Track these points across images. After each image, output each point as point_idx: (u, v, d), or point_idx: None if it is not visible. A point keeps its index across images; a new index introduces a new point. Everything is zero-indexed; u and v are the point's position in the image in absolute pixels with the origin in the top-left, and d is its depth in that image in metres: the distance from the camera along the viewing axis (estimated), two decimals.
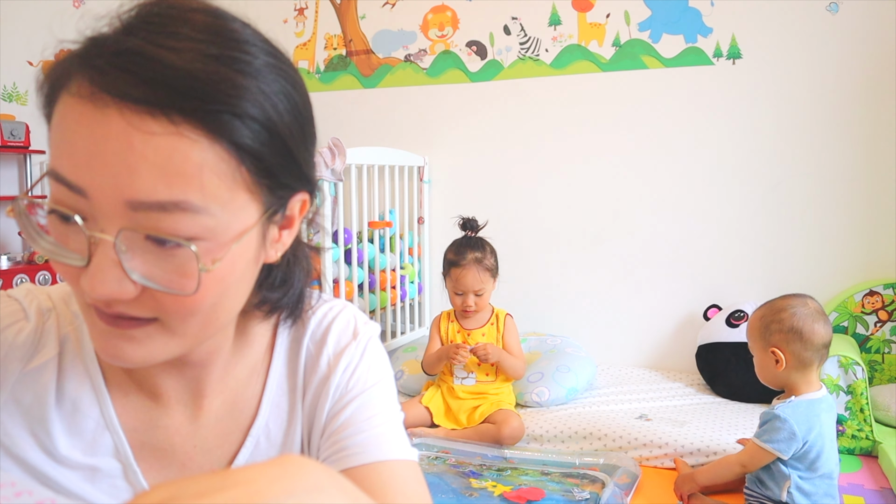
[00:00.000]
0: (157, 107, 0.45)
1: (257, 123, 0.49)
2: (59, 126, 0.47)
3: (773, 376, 1.70)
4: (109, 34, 0.48)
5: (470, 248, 2.37)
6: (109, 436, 0.61)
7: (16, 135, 2.82)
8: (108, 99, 0.45)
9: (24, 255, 2.86)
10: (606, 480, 1.93)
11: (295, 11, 3.42)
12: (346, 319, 0.72)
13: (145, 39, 0.46)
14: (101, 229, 0.47)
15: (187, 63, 0.45)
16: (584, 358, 2.66)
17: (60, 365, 0.60)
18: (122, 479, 0.61)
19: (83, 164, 0.46)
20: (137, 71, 0.45)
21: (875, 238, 2.61)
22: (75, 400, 0.60)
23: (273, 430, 0.66)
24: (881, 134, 2.58)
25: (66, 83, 0.48)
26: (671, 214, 2.87)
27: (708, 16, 2.76)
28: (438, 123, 3.21)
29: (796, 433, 1.60)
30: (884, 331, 2.52)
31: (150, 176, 0.46)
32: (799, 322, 1.65)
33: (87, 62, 0.47)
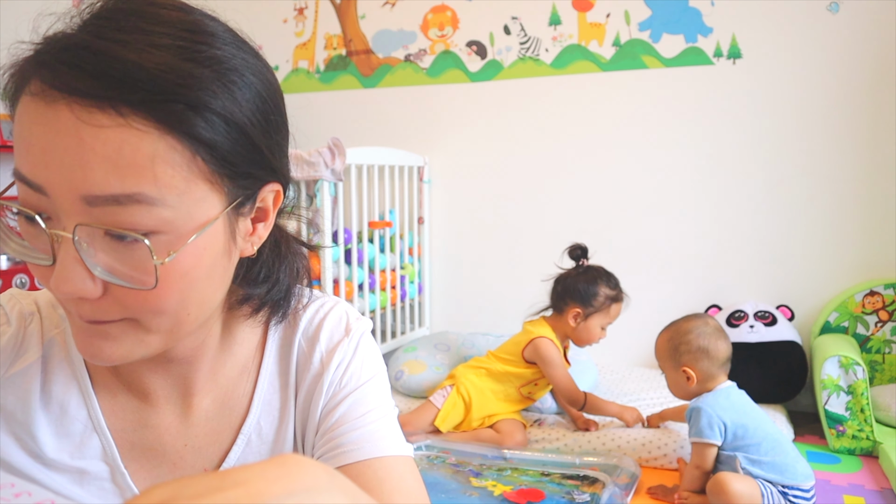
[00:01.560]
0: (104, 100, 0.45)
1: (212, 113, 0.48)
2: (17, 125, 0.47)
3: (685, 391, 1.88)
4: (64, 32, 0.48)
5: (615, 278, 2.35)
6: (97, 438, 0.60)
7: None
8: (57, 95, 0.45)
9: None
10: (606, 480, 1.93)
11: (295, 11, 3.42)
12: (337, 316, 0.71)
13: (95, 34, 0.46)
14: (63, 227, 0.47)
15: (134, 54, 0.45)
16: (583, 362, 2.66)
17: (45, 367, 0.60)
18: (110, 482, 0.61)
19: (39, 162, 0.46)
20: (84, 65, 0.45)
21: (875, 238, 2.61)
22: (62, 402, 0.60)
23: (265, 427, 0.66)
24: (881, 134, 2.58)
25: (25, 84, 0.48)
26: (671, 214, 2.87)
27: (708, 15, 2.76)
28: (438, 123, 3.21)
29: (712, 415, 1.74)
30: (884, 331, 2.52)
31: (101, 169, 0.45)
32: (704, 341, 1.83)
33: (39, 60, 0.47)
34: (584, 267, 2.34)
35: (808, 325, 2.67)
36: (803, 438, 2.34)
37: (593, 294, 2.29)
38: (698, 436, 1.76)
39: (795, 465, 1.73)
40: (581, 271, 2.33)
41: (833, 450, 2.23)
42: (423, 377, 2.58)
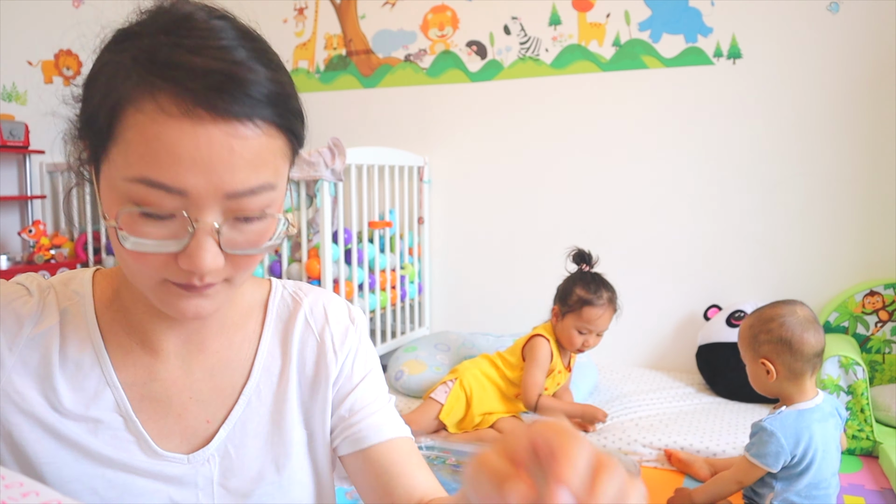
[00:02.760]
0: (245, 116, 0.55)
1: (299, 115, 0.62)
2: (150, 141, 0.54)
3: (765, 386, 1.65)
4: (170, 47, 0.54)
5: (604, 286, 2.26)
6: (110, 391, 0.68)
7: (15, 135, 2.81)
8: (203, 114, 0.54)
9: (24, 256, 2.86)
10: None
11: (295, 11, 3.42)
12: (340, 303, 0.80)
13: (214, 58, 0.54)
14: (198, 218, 0.57)
15: (262, 80, 0.56)
16: (584, 363, 2.66)
17: (62, 332, 0.68)
18: (125, 431, 0.68)
19: (185, 170, 0.54)
20: (226, 90, 0.54)
21: (875, 238, 2.61)
22: (78, 361, 0.68)
23: (263, 391, 0.73)
24: (881, 134, 2.58)
25: (142, 96, 0.54)
26: (671, 214, 2.87)
27: (708, 15, 2.76)
28: (438, 123, 3.21)
29: (784, 446, 1.55)
30: (884, 331, 2.52)
31: (245, 170, 0.56)
32: (787, 332, 1.58)
33: (169, 79, 0.54)
34: (581, 271, 2.32)
35: None
36: None
37: (569, 292, 2.27)
38: (758, 458, 1.58)
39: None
40: (578, 273, 2.32)
41: None
42: (423, 377, 2.58)
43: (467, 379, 2.32)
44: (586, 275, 2.30)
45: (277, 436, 0.73)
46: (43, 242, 2.82)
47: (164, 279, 0.60)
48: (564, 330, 2.27)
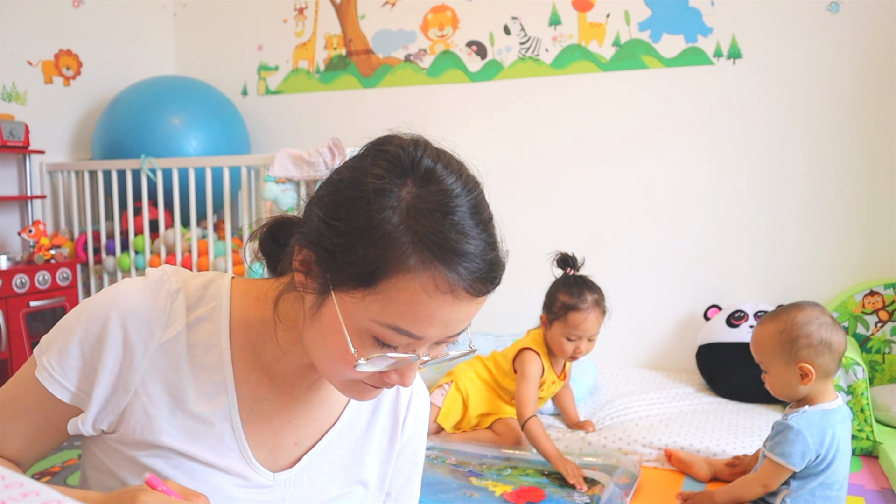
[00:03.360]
0: (487, 292, 0.68)
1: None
2: (414, 304, 0.64)
3: (794, 391, 1.61)
4: (446, 240, 0.65)
5: (588, 289, 2.16)
6: (226, 399, 0.75)
7: (15, 135, 2.82)
8: (465, 296, 0.66)
9: (24, 256, 2.86)
10: (606, 481, 1.93)
11: (295, 11, 3.42)
12: (424, 390, 0.92)
13: (481, 248, 0.67)
14: (417, 351, 0.69)
15: (499, 260, 0.69)
16: (584, 362, 2.66)
17: (191, 338, 0.74)
18: (232, 439, 0.75)
19: (433, 326, 0.66)
20: (488, 279, 0.67)
21: (875, 238, 2.61)
22: (206, 366, 0.74)
23: (344, 437, 0.83)
24: (881, 134, 2.58)
25: (413, 271, 0.64)
26: (671, 214, 2.87)
27: (708, 16, 2.76)
28: (438, 123, 3.21)
29: (810, 446, 1.55)
30: (884, 331, 2.52)
31: (465, 324, 0.69)
32: (827, 333, 1.57)
33: (446, 265, 0.64)
34: (565, 275, 2.23)
35: None
36: None
37: (553, 300, 2.20)
38: (784, 458, 1.56)
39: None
40: (562, 278, 2.24)
41: None
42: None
43: (463, 381, 2.32)
44: (570, 279, 2.21)
45: (351, 479, 0.83)
46: (43, 242, 2.82)
47: (362, 381, 0.71)
48: (554, 338, 2.20)
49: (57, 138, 3.17)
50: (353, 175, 0.68)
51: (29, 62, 3.03)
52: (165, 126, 2.99)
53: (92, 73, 3.28)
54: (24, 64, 3.01)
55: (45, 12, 3.07)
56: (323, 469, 0.81)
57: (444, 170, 0.71)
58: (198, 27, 3.63)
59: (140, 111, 3.04)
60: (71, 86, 3.21)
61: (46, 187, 3.12)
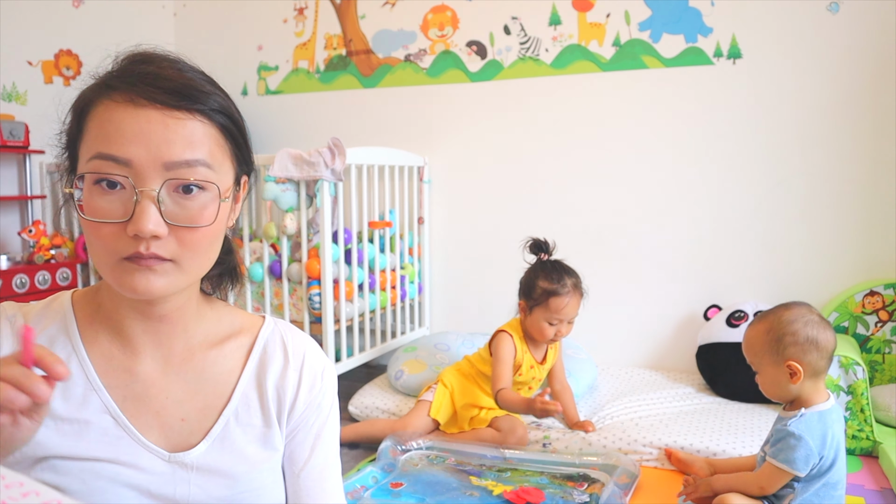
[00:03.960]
0: (175, 105, 0.70)
1: (225, 115, 0.76)
2: (103, 124, 0.70)
3: (784, 391, 1.63)
4: (128, 66, 0.72)
5: (566, 273, 2.21)
6: (96, 395, 0.77)
7: (15, 135, 2.82)
8: (144, 102, 0.69)
9: (24, 256, 2.86)
10: (606, 480, 1.93)
11: (295, 11, 3.42)
12: (318, 353, 0.90)
13: (157, 67, 0.72)
14: (144, 186, 0.69)
15: (185, 80, 0.72)
16: (584, 360, 2.66)
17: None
18: (115, 428, 0.76)
19: (130, 143, 0.68)
20: (161, 85, 0.70)
21: (875, 238, 2.61)
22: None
23: (241, 414, 0.83)
24: (881, 134, 2.58)
25: (100, 97, 0.71)
26: (671, 214, 2.87)
27: (708, 16, 2.76)
28: (438, 123, 3.21)
29: (812, 450, 1.55)
30: (884, 331, 2.52)
31: (179, 144, 0.70)
32: (813, 331, 1.59)
33: (121, 82, 0.70)
34: (540, 261, 2.28)
35: None
36: None
37: (532, 286, 2.24)
38: (788, 465, 1.57)
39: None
40: (537, 263, 2.28)
41: None
42: (423, 377, 2.58)
43: (448, 378, 2.38)
44: (546, 264, 2.25)
45: (250, 453, 0.82)
46: (43, 242, 2.82)
47: (120, 258, 0.70)
48: (534, 323, 2.24)
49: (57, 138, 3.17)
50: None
51: (29, 62, 3.03)
52: None
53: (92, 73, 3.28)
54: (24, 64, 3.01)
55: (45, 12, 3.07)
56: (226, 450, 0.80)
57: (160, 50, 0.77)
58: (198, 27, 3.63)
59: None
60: (71, 86, 3.20)
61: (46, 187, 3.12)
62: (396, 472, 2.03)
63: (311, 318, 2.66)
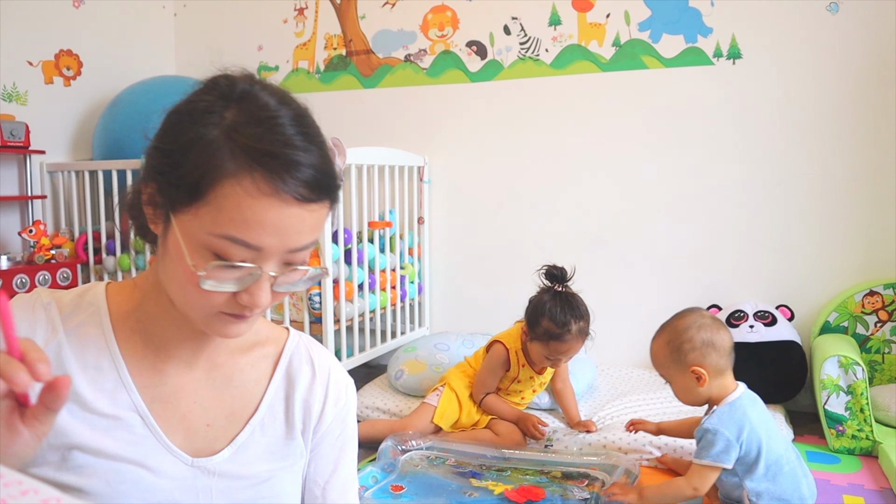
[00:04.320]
0: (315, 199, 0.70)
1: (340, 184, 0.77)
2: (243, 209, 0.67)
3: (695, 395, 1.71)
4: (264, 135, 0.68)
5: (573, 316, 2.09)
6: (126, 393, 0.77)
7: (16, 135, 2.82)
8: (288, 198, 0.68)
9: (24, 256, 2.86)
10: (606, 480, 1.93)
11: (295, 11, 3.42)
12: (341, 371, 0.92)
13: (294, 146, 0.69)
14: (262, 267, 0.70)
15: (323, 165, 0.71)
16: (584, 360, 2.66)
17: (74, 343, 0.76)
18: (142, 427, 0.77)
19: (267, 234, 0.68)
20: (305, 177, 0.68)
21: (875, 238, 2.61)
22: (97, 366, 0.76)
23: (267, 425, 0.84)
24: (881, 134, 2.58)
25: (239, 174, 0.67)
26: (671, 214, 2.87)
27: (708, 16, 2.76)
28: (438, 123, 3.21)
29: (730, 439, 1.61)
30: (884, 331, 2.52)
31: (306, 233, 0.71)
32: (707, 334, 1.68)
33: (262, 166, 0.67)
34: (553, 291, 2.15)
35: (808, 325, 2.68)
36: (803, 438, 2.34)
37: (536, 321, 2.14)
38: (711, 459, 1.61)
39: (800, 488, 1.65)
40: (548, 295, 2.15)
41: (833, 450, 2.23)
42: (423, 377, 2.58)
43: (454, 382, 2.36)
44: (557, 299, 2.12)
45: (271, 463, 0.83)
46: (43, 242, 2.82)
47: (219, 312, 0.73)
48: (533, 352, 2.19)
49: (57, 138, 3.17)
50: (181, 104, 0.73)
51: (29, 62, 3.03)
52: None
53: (92, 73, 3.29)
54: (24, 64, 3.01)
55: (45, 12, 3.07)
56: (250, 459, 0.81)
57: (263, 91, 0.73)
58: (198, 27, 3.63)
59: (140, 111, 3.04)
60: (71, 86, 3.21)
61: (47, 187, 3.12)
62: (396, 473, 2.03)
63: (311, 318, 2.66)
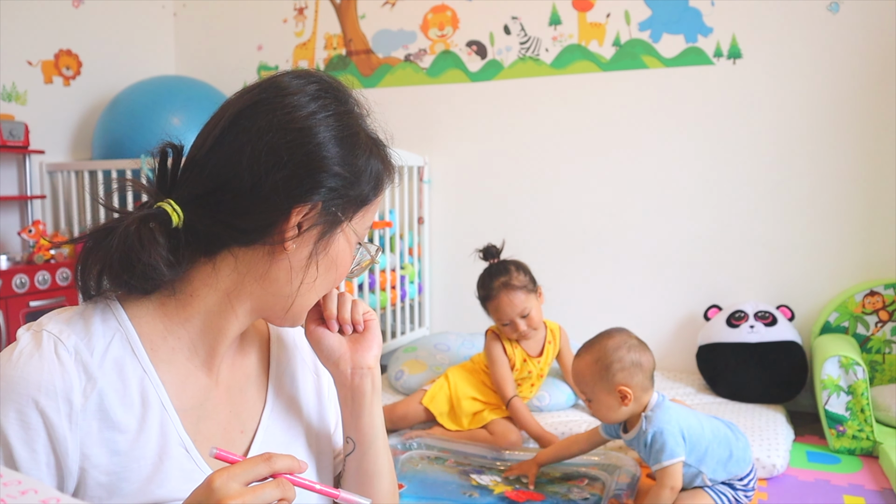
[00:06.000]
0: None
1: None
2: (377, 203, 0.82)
3: (616, 414, 1.75)
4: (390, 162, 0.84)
5: (494, 276, 2.25)
6: (172, 425, 0.73)
7: (15, 135, 2.81)
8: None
9: (24, 256, 2.86)
10: (607, 480, 1.93)
11: (295, 11, 3.42)
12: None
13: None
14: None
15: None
16: None
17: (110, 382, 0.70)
18: (189, 461, 0.73)
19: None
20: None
21: (875, 238, 2.61)
22: (142, 400, 0.71)
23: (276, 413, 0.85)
24: (881, 134, 2.58)
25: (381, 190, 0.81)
26: (671, 214, 2.87)
27: (708, 15, 2.76)
28: (438, 123, 3.21)
29: (675, 432, 1.68)
30: (884, 331, 2.52)
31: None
32: (636, 355, 1.72)
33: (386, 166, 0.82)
34: (488, 266, 2.32)
35: (809, 325, 2.67)
36: (803, 438, 2.34)
37: (479, 298, 2.32)
38: (670, 457, 1.67)
39: (737, 454, 1.74)
40: (483, 271, 2.33)
41: (833, 450, 2.23)
42: (423, 377, 2.58)
43: (451, 373, 2.39)
44: (485, 270, 2.31)
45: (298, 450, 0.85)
46: (43, 242, 2.82)
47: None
48: (498, 327, 2.30)
49: (57, 138, 3.17)
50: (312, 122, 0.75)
51: (29, 62, 3.03)
52: (165, 126, 2.99)
53: (92, 73, 3.28)
54: (24, 64, 3.01)
55: (45, 12, 3.07)
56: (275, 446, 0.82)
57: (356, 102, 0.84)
58: (198, 27, 3.63)
59: (140, 111, 3.04)
60: (71, 86, 3.20)
61: (46, 187, 3.12)
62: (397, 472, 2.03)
63: None
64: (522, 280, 2.24)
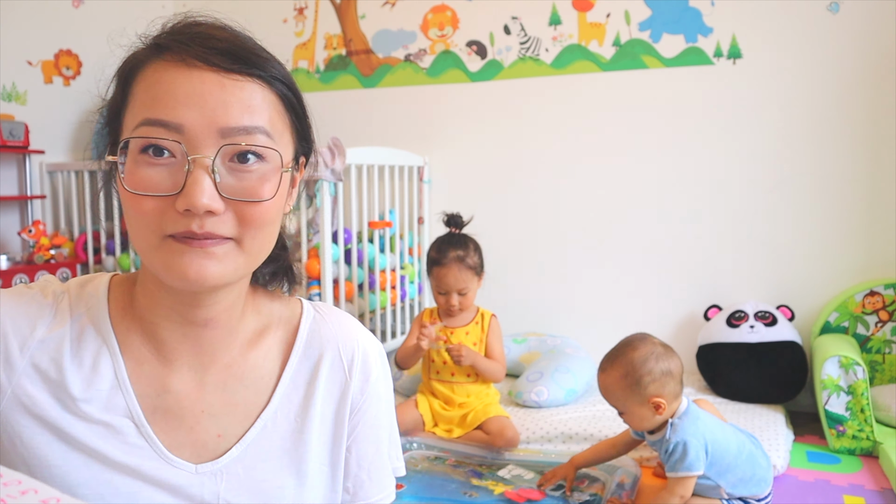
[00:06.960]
0: (232, 67, 0.63)
1: (285, 84, 0.68)
2: (151, 86, 0.63)
3: (651, 422, 1.72)
4: (179, 28, 0.66)
5: (452, 246, 2.28)
6: (123, 397, 0.69)
7: (15, 135, 2.81)
8: (198, 63, 0.62)
9: (24, 256, 2.86)
10: (607, 480, 1.93)
11: (295, 11, 3.42)
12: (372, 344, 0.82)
13: (211, 28, 0.66)
14: (197, 154, 0.61)
15: (242, 42, 0.67)
16: (583, 359, 2.66)
17: (74, 336, 0.69)
18: (137, 436, 0.69)
19: (181, 106, 0.61)
20: (216, 45, 0.63)
21: (875, 238, 2.61)
22: (94, 364, 0.69)
23: (280, 418, 0.74)
24: (881, 134, 2.58)
25: (148, 60, 0.64)
26: (671, 214, 2.87)
27: (708, 15, 2.76)
28: (438, 123, 3.21)
29: (700, 447, 1.65)
30: (884, 331, 2.52)
31: (237, 108, 0.62)
32: (666, 364, 1.69)
33: (172, 42, 0.64)
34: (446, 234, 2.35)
35: (809, 325, 2.67)
36: (803, 438, 2.34)
37: (427, 259, 2.36)
38: (687, 470, 1.65)
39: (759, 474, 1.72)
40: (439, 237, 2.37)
41: (833, 450, 2.23)
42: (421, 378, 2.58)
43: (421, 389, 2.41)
44: (445, 237, 2.33)
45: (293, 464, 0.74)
46: (43, 242, 2.82)
47: (165, 236, 0.62)
48: (433, 292, 2.36)
49: (57, 138, 3.17)
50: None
51: (29, 62, 3.03)
52: None
53: (92, 72, 3.28)
54: (24, 64, 3.01)
55: (45, 12, 3.07)
56: (260, 457, 0.72)
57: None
58: None
59: None
60: (71, 86, 3.21)
61: (46, 187, 3.12)
62: None
63: None
64: (475, 261, 2.31)
